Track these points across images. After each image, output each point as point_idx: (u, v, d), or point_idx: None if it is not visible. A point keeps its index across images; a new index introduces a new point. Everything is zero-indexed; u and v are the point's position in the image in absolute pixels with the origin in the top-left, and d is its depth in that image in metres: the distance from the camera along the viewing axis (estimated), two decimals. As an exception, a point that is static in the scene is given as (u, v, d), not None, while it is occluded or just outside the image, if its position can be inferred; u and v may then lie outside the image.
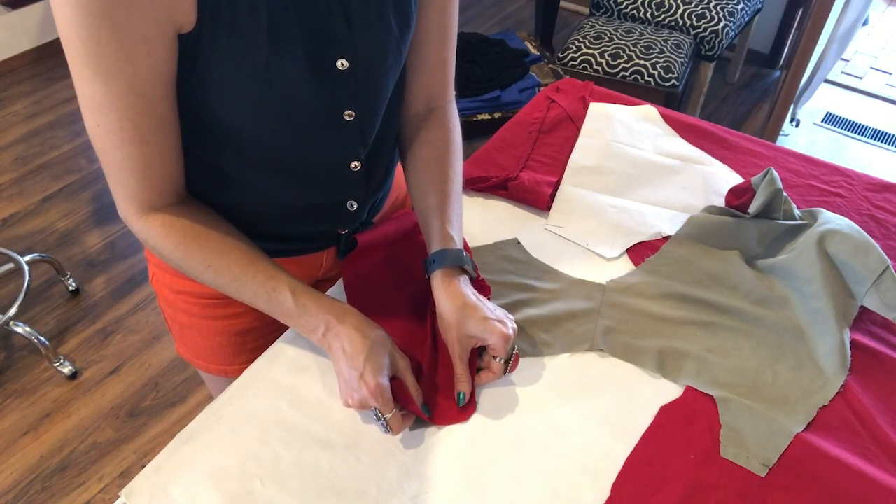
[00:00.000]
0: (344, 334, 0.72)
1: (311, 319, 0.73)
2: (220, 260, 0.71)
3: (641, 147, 1.14)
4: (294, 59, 0.65)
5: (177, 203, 0.71)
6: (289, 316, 0.74)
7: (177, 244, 0.70)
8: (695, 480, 0.71)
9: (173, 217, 0.70)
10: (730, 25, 2.45)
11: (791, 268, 0.89)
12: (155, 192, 0.68)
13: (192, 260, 0.71)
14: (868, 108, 2.96)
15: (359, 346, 0.71)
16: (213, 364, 0.94)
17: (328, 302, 0.74)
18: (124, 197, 0.68)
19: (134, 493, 0.69)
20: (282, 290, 0.72)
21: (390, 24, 0.71)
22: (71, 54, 0.58)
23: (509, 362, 0.76)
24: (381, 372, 0.70)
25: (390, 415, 0.70)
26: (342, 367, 0.72)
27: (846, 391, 0.79)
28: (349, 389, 0.71)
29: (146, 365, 1.96)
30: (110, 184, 0.68)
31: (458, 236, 0.80)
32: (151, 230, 0.70)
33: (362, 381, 0.69)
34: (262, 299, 0.73)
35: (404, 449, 0.73)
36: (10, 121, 2.85)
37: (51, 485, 1.69)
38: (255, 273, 0.72)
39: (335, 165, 0.79)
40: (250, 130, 0.70)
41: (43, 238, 2.34)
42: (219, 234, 0.72)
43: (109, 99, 0.60)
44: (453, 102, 0.89)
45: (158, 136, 0.65)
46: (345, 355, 0.71)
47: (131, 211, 0.69)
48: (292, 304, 0.72)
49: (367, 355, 0.70)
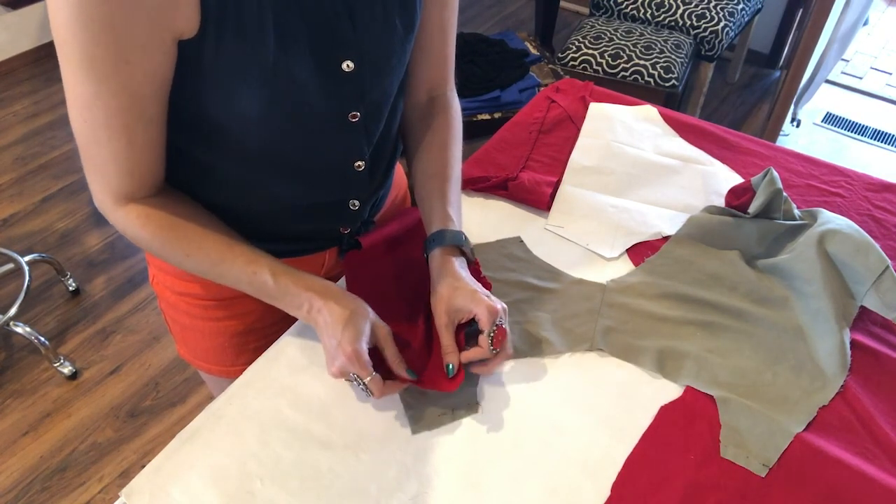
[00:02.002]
0: (325, 309, 0.72)
1: (293, 298, 0.73)
2: (199, 248, 0.72)
3: (641, 147, 1.14)
4: (301, 61, 0.65)
5: (154, 194, 0.71)
6: (272, 297, 0.74)
7: (153, 234, 0.70)
8: (695, 480, 0.71)
9: (150, 208, 0.70)
10: (730, 25, 2.45)
11: (791, 268, 0.89)
12: (134, 184, 0.68)
13: (170, 249, 0.71)
14: (868, 108, 2.96)
15: (338, 316, 0.72)
16: (215, 365, 0.94)
17: (309, 279, 0.74)
18: (102, 188, 0.68)
19: (134, 493, 0.69)
20: (262, 273, 0.73)
21: (395, 24, 0.71)
22: (65, 54, 0.58)
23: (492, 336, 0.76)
24: (357, 339, 0.71)
25: (368, 378, 0.71)
26: (324, 338, 0.73)
27: (846, 391, 0.79)
28: (330, 358, 0.72)
29: (146, 365, 1.96)
30: (87, 173, 0.68)
31: (457, 218, 0.82)
32: (129, 220, 0.70)
33: (340, 349, 0.71)
34: (244, 283, 0.74)
35: (404, 449, 0.73)
36: (10, 121, 2.85)
37: (51, 485, 1.69)
38: (234, 258, 0.72)
39: (340, 166, 0.79)
40: (255, 133, 0.70)
41: (43, 238, 2.34)
42: (196, 222, 0.72)
43: (100, 98, 0.60)
44: (454, 90, 0.91)
45: (146, 136, 0.65)
46: (326, 327, 0.72)
47: (109, 201, 0.69)
48: (273, 285, 0.73)
49: (344, 324, 0.71)
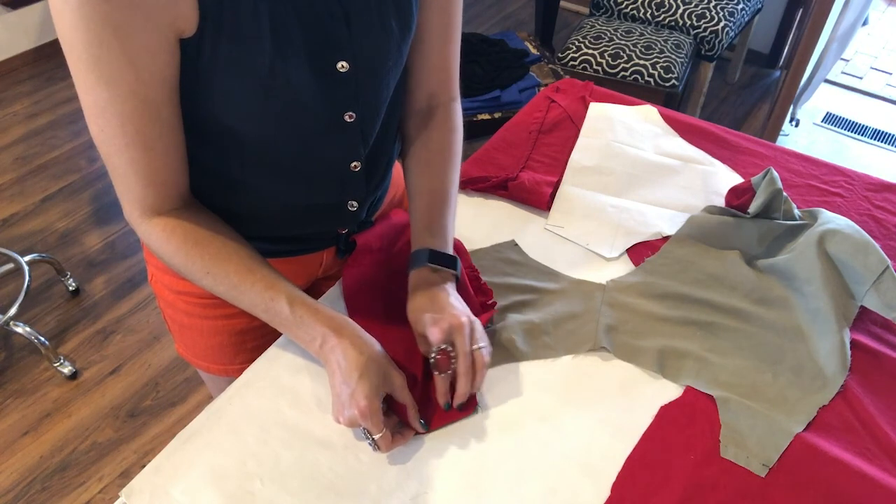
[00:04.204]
0: (339, 349, 0.70)
1: (307, 331, 0.72)
2: (220, 267, 0.71)
3: (641, 147, 1.14)
4: (296, 61, 0.65)
5: (181, 207, 0.71)
6: (286, 326, 0.73)
7: (177, 249, 0.70)
8: (695, 480, 0.71)
9: (175, 221, 0.70)
10: (730, 25, 2.45)
11: (791, 268, 0.89)
12: (159, 196, 0.68)
13: (192, 265, 0.71)
14: (868, 108, 2.96)
15: (353, 362, 0.69)
16: (214, 364, 0.94)
17: (326, 314, 0.72)
18: (129, 200, 0.68)
19: (134, 493, 0.69)
20: (279, 300, 0.71)
21: (391, 26, 0.71)
22: (73, 59, 0.58)
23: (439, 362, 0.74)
24: (373, 392, 0.68)
25: (379, 435, 0.69)
26: (336, 381, 0.70)
27: (846, 391, 0.79)
28: (340, 406, 0.70)
29: (146, 365, 1.96)
30: (116, 186, 0.68)
31: (442, 235, 0.80)
32: (154, 234, 0.70)
33: (353, 401, 0.68)
34: (259, 308, 0.72)
35: (404, 449, 0.73)
36: (10, 121, 2.85)
37: (51, 485, 1.69)
38: (254, 282, 0.71)
39: (336, 166, 0.79)
40: (252, 133, 0.70)
41: (43, 238, 2.34)
42: (220, 241, 0.72)
43: (112, 103, 0.60)
44: (457, 101, 0.89)
45: (163, 141, 0.65)
46: (339, 370, 0.70)
47: (135, 214, 0.69)
48: (289, 314, 0.71)
49: (360, 373, 0.69)
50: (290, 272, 0.89)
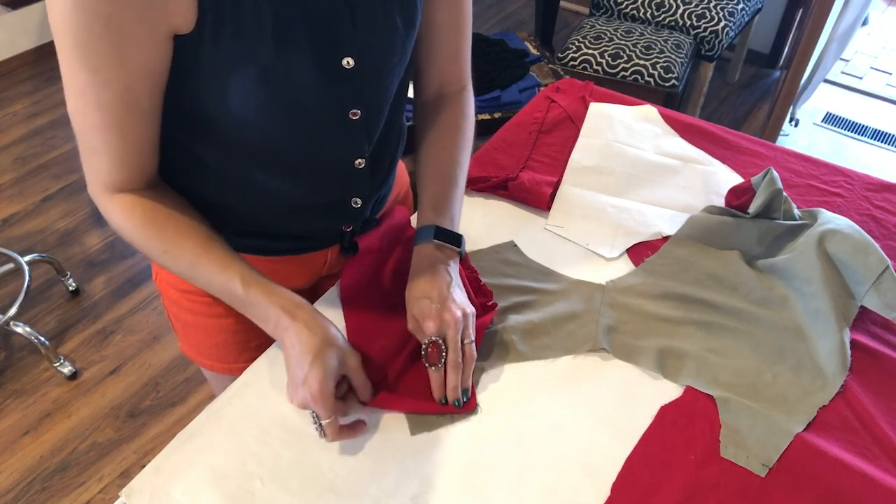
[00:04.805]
0: (293, 330, 0.70)
1: (262, 311, 0.72)
2: (176, 246, 0.71)
3: (641, 147, 1.14)
4: (300, 58, 0.65)
5: (145, 188, 0.71)
6: (241, 306, 0.73)
7: (136, 226, 0.70)
8: (695, 480, 0.71)
9: (137, 199, 0.70)
10: (730, 25, 2.45)
11: (791, 268, 0.89)
12: (125, 176, 0.68)
13: (149, 243, 0.71)
14: (868, 108, 2.96)
15: (307, 344, 0.69)
16: (218, 362, 0.94)
17: (280, 294, 0.72)
18: (94, 177, 0.69)
19: (134, 493, 0.69)
20: (234, 280, 0.71)
21: (396, 22, 0.71)
22: (60, 43, 0.58)
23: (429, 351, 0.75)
24: (326, 377, 0.68)
25: (327, 421, 0.69)
26: (291, 363, 0.70)
27: (846, 391, 0.79)
28: (294, 387, 0.70)
29: (146, 365, 1.96)
30: (83, 161, 0.68)
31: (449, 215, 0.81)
32: (115, 210, 0.70)
33: (306, 385, 0.68)
34: (215, 287, 0.72)
35: (404, 449, 0.73)
36: (10, 121, 2.85)
37: (51, 485, 1.69)
38: (209, 261, 0.71)
39: (340, 164, 0.79)
40: (256, 130, 0.70)
41: (43, 238, 2.34)
42: (179, 220, 0.71)
43: (92, 87, 0.60)
44: (469, 89, 0.89)
45: (139, 129, 0.65)
46: (293, 352, 0.70)
47: (99, 190, 0.70)
48: (243, 294, 0.71)
49: (314, 356, 0.69)
50: (294, 270, 0.89)
